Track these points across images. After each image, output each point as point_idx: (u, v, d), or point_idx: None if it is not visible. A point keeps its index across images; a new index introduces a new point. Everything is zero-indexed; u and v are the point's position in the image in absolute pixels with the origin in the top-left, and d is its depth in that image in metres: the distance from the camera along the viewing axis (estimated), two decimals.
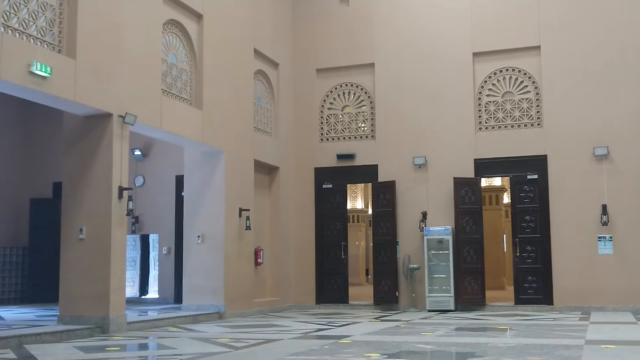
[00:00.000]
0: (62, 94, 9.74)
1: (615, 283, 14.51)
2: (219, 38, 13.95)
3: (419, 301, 15.58)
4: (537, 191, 15.40)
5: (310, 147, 17.09)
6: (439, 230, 15.47)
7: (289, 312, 15.53)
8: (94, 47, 10.41)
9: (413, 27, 16.53)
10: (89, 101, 10.27)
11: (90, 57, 10.30)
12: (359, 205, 27.62)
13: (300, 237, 16.84)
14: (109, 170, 10.63)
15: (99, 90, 10.47)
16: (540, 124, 15.54)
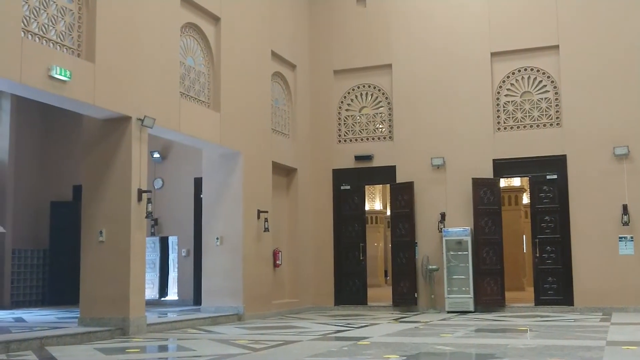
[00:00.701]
0: (82, 97, 9.82)
1: (637, 283, 14.37)
2: (236, 40, 13.99)
3: (438, 302, 15.52)
4: (556, 191, 15.30)
5: (328, 148, 17.09)
6: (457, 231, 15.41)
7: (308, 313, 15.54)
8: (112, 50, 10.48)
9: (430, 27, 16.49)
10: (108, 104, 10.34)
11: (108, 60, 10.37)
12: (377, 207, 27.57)
13: (318, 238, 16.84)
14: (128, 173, 10.70)
15: (117, 93, 10.55)
16: (559, 124, 15.44)
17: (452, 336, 10.08)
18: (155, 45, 11.54)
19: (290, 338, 9.97)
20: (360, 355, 7.81)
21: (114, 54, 10.53)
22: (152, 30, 11.47)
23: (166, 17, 11.94)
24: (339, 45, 17.24)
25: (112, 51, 10.48)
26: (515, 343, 9.05)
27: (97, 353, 8.41)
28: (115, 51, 10.55)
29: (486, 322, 12.62)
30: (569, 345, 8.70)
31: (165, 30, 11.87)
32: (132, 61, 10.95)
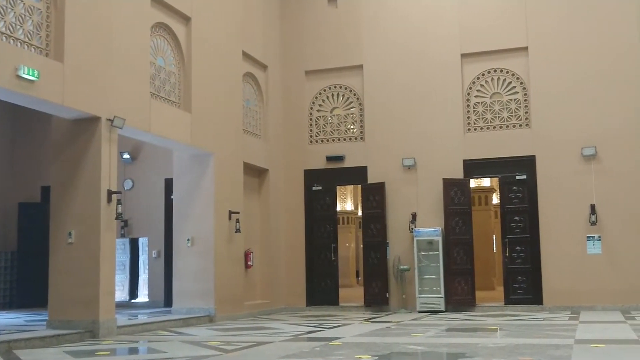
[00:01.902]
0: (50, 97, 9.70)
1: (604, 282, 14.58)
2: (207, 41, 13.93)
3: (410, 302, 15.59)
4: (526, 191, 15.47)
5: (300, 149, 17.09)
6: (428, 232, 15.50)
7: (280, 314, 15.52)
8: (81, 50, 10.37)
9: (401, 28, 16.57)
10: (77, 105, 10.23)
11: (78, 60, 10.26)
12: (349, 207, 27.63)
13: (290, 239, 16.83)
14: (97, 174, 10.59)
15: (87, 93, 10.43)
16: (528, 125, 15.61)
17: (423, 336, 10.13)
18: (125, 45, 11.43)
19: (262, 339, 9.95)
20: (332, 356, 7.82)
21: (83, 53, 10.41)
22: (122, 30, 11.37)
23: (136, 17, 11.84)
24: (310, 46, 17.25)
25: (82, 51, 10.37)
26: (486, 342, 9.13)
27: (67, 356, 8.30)
28: (84, 51, 10.43)
29: (457, 321, 12.71)
30: (539, 343, 8.79)
31: (135, 30, 11.77)
32: (102, 61, 10.84)
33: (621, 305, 14.36)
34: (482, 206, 22.64)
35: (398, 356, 7.88)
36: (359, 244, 24.72)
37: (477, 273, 16.27)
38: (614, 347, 8.46)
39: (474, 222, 15.98)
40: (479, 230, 19.10)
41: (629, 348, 8.28)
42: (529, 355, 7.59)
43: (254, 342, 9.50)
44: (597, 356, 7.64)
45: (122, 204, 11.05)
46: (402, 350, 8.38)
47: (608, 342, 8.91)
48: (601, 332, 10.23)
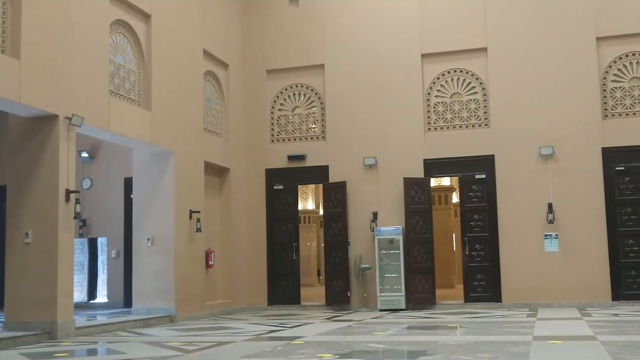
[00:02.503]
0: (6, 95, 9.52)
1: (561, 280, 14.83)
2: (167, 39, 13.80)
3: (371, 301, 15.67)
4: (485, 191, 15.65)
5: (261, 148, 17.04)
6: (389, 230, 15.59)
7: (241, 314, 15.46)
8: (38, 47, 10.19)
9: (363, 28, 16.63)
10: (34, 102, 10.05)
11: (35, 57, 10.08)
12: (310, 206, 27.64)
13: (251, 238, 16.78)
14: (55, 173, 10.43)
15: (44, 91, 10.26)
16: (487, 125, 15.80)
17: (384, 334, 10.19)
18: (84, 42, 11.28)
19: (223, 339, 9.90)
20: (293, 355, 7.82)
21: (41, 50, 10.24)
22: (81, 27, 11.21)
23: (95, 14, 11.68)
24: (271, 44, 17.21)
25: (39, 48, 10.19)
26: (446, 339, 9.22)
27: (24, 358, 8.16)
28: (41, 48, 10.26)
29: (418, 319, 12.81)
30: (498, 340, 8.91)
31: (94, 27, 11.61)
32: (60, 58, 10.67)
33: (577, 302, 14.62)
34: (442, 205, 22.84)
35: (359, 355, 7.91)
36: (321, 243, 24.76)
37: (438, 271, 16.41)
38: (571, 343, 8.62)
39: (434, 221, 16.11)
40: (439, 229, 19.26)
41: (586, 344, 8.44)
42: (488, 352, 7.69)
43: (215, 342, 9.45)
44: (555, 352, 7.77)
45: (80, 203, 10.91)
46: (364, 349, 8.42)
47: (565, 338, 9.06)
48: (558, 329, 10.41)
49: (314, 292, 19.86)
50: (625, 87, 15.14)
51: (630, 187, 14.89)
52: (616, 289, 14.66)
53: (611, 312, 13.21)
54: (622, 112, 15.10)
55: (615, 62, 15.24)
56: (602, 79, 15.22)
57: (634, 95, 15.05)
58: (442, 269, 19.83)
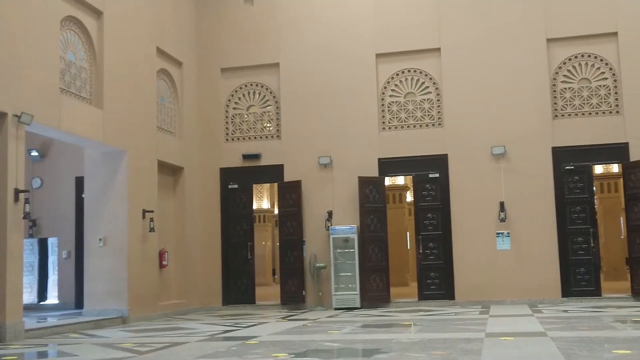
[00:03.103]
0: None
1: (513, 277, 15.07)
2: (119, 36, 13.61)
3: (326, 300, 15.69)
4: (438, 189, 15.81)
5: (216, 147, 16.92)
6: (344, 229, 15.63)
7: (195, 314, 15.34)
8: None
9: (318, 27, 16.65)
10: None
11: None
12: (265, 205, 27.56)
13: (206, 238, 16.65)
14: (3, 172, 10.19)
15: None
16: (441, 124, 15.95)
17: (339, 333, 10.21)
18: (34, 39, 11.04)
19: (177, 340, 9.80)
20: (248, 355, 7.78)
21: None
22: (30, 23, 10.97)
23: (45, 10, 11.44)
24: (226, 43, 17.10)
25: None
26: (400, 337, 9.27)
27: None
28: None
29: (372, 317, 12.87)
30: (451, 338, 9.00)
31: (44, 23, 11.38)
32: (8, 55, 10.42)
33: (529, 299, 14.88)
34: (397, 204, 22.99)
35: (314, 353, 7.91)
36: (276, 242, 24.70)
37: (392, 270, 16.52)
38: (522, 339, 8.75)
39: (388, 219, 16.23)
40: (394, 228, 19.41)
41: (536, 340, 8.58)
42: (442, 349, 7.76)
43: (168, 343, 9.35)
44: (507, 348, 7.88)
45: (30, 203, 10.69)
46: (319, 348, 8.42)
47: (517, 334, 9.20)
48: (510, 325, 10.56)
49: (269, 291, 19.82)
50: (575, 88, 15.46)
51: (579, 186, 15.20)
52: (566, 285, 14.96)
53: (561, 308, 13.46)
54: (572, 112, 15.41)
55: (565, 63, 15.54)
56: (552, 80, 15.51)
57: (583, 96, 15.37)
58: (397, 268, 19.96)
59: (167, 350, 8.64)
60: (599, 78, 15.38)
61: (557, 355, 7.06)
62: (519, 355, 7.34)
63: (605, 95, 15.30)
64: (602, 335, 8.79)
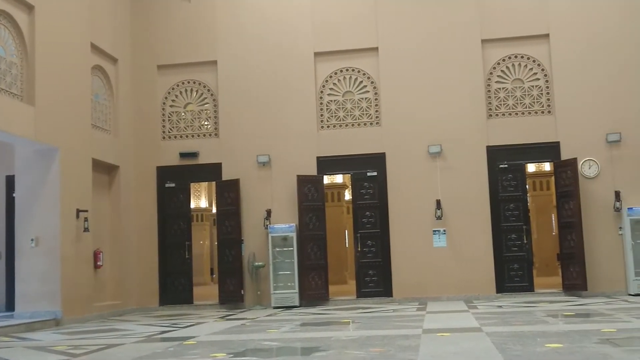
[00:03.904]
0: None
1: (449, 274, 15.31)
2: (52, 31, 13.26)
3: (265, 299, 15.64)
4: (376, 188, 15.94)
5: (152, 145, 16.67)
6: (283, 228, 15.61)
7: (132, 315, 15.08)
8: None
9: (256, 25, 16.57)
10: None
11: None
12: (203, 204, 27.29)
13: (142, 237, 16.38)
14: None
15: None
16: (379, 123, 16.09)
17: (278, 331, 10.19)
18: None
19: (112, 341, 9.62)
20: (186, 356, 7.69)
21: None
22: None
23: None
24: (163, 39, 16.86)
25: None
26: (339, 335, 9.32)
27: None
28: None
29: (311, 316, 12.90)
30: (389, 334, 9.09)
31: None
32: None
33: (464, 295, 15.14)
34: (335, 202, 23.07)
35: (253, 353, 7.87)
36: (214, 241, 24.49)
37: (331, 268, 16.60)
38: (458, 335, 8.91)
39: (327, 218, 16.27)
40: (332, 226, 19.46)
41: (472, 335, 8.74)
42: (380, 346, 7.83)
43: (104, 345, 9.17)
44: (443, 344, 8.00)
45: None
46: (258, 347, 8.39)
47: (453, 330, 9.36)
48: (446, 322, 10.73)
49: (207, 291, 19.64)
50: (508, 88, 15.80)
51: (512, 184, 15.55)
52: (500, 281, 15.28)
53: (496, 304, 13.75)
54: (506, 112, 15.75)
55: (499, 63, 15.88)
56: (486, 80, 15.82)
57: (516, 96, 15.73)
58: (335, 266, 20.06)
59: (103, 353, 8.47)
60: (531, 79, 15.76)
61: (491, 350, 7.20)
62: (455, 350, 7.46)
63: (537, 96, 15.69)
64: (535, 330, 9.02)
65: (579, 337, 8.01)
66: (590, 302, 13.14)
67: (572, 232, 14.90)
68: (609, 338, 7.81)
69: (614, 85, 15.26)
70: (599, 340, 7.61)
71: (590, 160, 15.11)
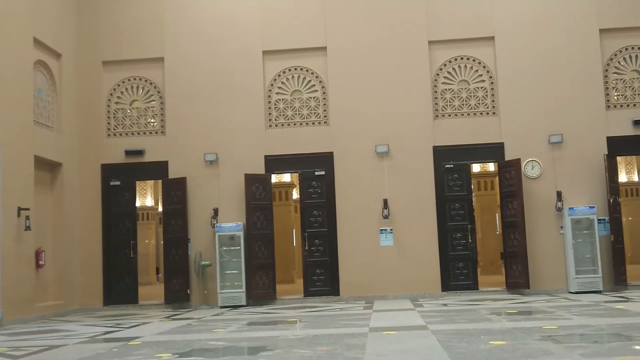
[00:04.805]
0: None
1: (396, 273, 15.44)
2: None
3: (211, 298, 15.53)
4: (324, 187, 15.97)
5: (97, 142, 16.38)
6: (230, 227, 15.53)
7: (75, 315, 14.79)
8: None
9: (204, 23, 16.43)
10: None
11: None
12: (149, 203, 26.95)
13: (86, 236, 16.08)
14: None
15: None
16: (327, 122, 16.13)
17: (224, 331, 10.13)
18: None
19: (54, 342, 9.42)
20: (130, 356, 7.58)
21: None
22: None
23: None
24: (109, 35, 16.57)
25: None
26: (286, 334, 9.31)
27: None
28: None
29: (258, 315, 12.86)
30: (336, 333, 9.12)
31: None
32: None
33: (411, 294, 15.30)
34: (283, 201, 23.07)
35: (199, 353, 7.81)
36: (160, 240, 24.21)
37: (278, 267, 16.57)
38: (405, 333, 8.99)
39: (275, 217, 16.25)
40: (280, 225, 19.46)
41: (418, 333, 8.84)
42: (327, 345, 7.85)
43: (45, 346, 8.97)
44: (390, 342, 8.07)
45: None
46: (204, 347, 8.33)
47: (399, 328, 9.44)
48: (393, 320, 10.83)
49: (152, 291, 19.42)
50: (455, 89, 16.02)
51: (458, 184, 15.78)
52: (445, 280, 15.49)
53: (441, 302, 13.93)
54: (452, 112, 15.96)
55: (446, 65, 16.08)
56: (433, 81, 16.01)
57: (462, 97, 15.96)
58: (283, 265, 20.04)
59: (44, 354, 8.28)
60: (477, 80, 16.01)
61: (437, 348, 7.29)
62: (402, 348, 7.53)
63: (482, 97, 15.95)
64: (479, 328, 9.16)
65: (522, 334, 8.17)
66: (532, 300, 13.42)
67: (515, 232, 15.20)
68: (550, 335, 7.99)
69: (557, 87, 15.62)
70: (541, 337, 7.77)
71: (533, 161, 15.44)
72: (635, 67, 15.73)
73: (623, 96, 15.73)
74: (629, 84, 15.72)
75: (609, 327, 8.73)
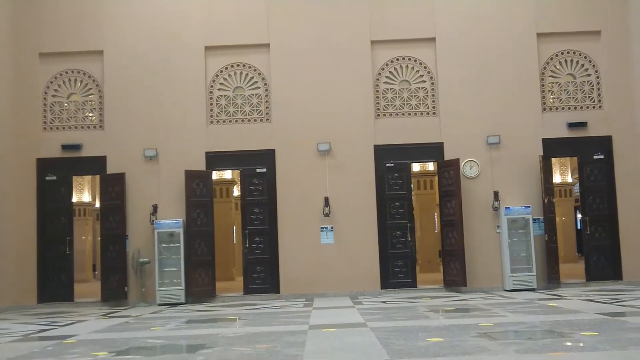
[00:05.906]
0: None
1: (336, 270, 15.52)
2: None
3: (150, 295, 15.33)
4: (266, 184, 15.94)
5: (32, 136, 15.97)
6: (170, 223, 15.35)
7: (7, 313, 14.39)
8: None
9: (146, 16, 16.19)
10: None
11: None
12: (86, 199, 26.44)
13: (19, 232, 15.65)
14: None
15: None
16: (269, 119, 16.09)
17: (163, 329, 10.02)
18: None
19: None
20: (66, 355, 7.43)
21: None
22: None
23: None
24: (46, 26, 16.15)
25: None
26: (226, 332, 9.27)
27: None
28: None
29: (197, 312, 12.76)
30: (276, 331, 9.12)
31: None
32: None
33: (350, 291, 15.39)
34: (224, 198, 22.95)
35: (137, 351, 7.70)
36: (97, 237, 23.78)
37: (218, 264, 16.48)
38: (344, 330, 9.05)
39: (215, 213, 16.15)
40: (220, 222, 19.35)
41: (357, 331, 8.90)
42: (267, 343, 7.84)
43: None
44: (329, 339, 8.11)
45: None
46: (141, 345, 8.22)
47: (338, 326, 9.50)
48: (332, 317, 10.89)
49: (89, 288, 19.07)
50: (396, 89, 16.18)
51: (398, 183, 15.95)
52: (385, 278, 15.64)
53: (380, 299, 14.06)
54: (393, 112, 16.12)
55: (388, 65, 16.23)
56: (375, 81, 16.14)
57: (403, 97, 16.14)
58: (223, 262, 19.93)
59: None
60: (418, 80, 16.21)
61: (376, 345, 7.37)
62: (341, 345, 7.58)
63: (423, 97, 16.15)
64: (417, 325, 9.30)
65: (459, 331, 8.32)
66: (469, 298, 13.67)
67: (454, 230, 15.46)
68: (486, 332, 8.16)
69: (495, 89, 15.95)
70: (477, 334, 7.93)
71: (472, 161, 15.73)
72: (570, 71, 16.18)
73: (558, 99, 16.17)
74: (564, 87, 16.17)
75: (542, 324, 8.96)
